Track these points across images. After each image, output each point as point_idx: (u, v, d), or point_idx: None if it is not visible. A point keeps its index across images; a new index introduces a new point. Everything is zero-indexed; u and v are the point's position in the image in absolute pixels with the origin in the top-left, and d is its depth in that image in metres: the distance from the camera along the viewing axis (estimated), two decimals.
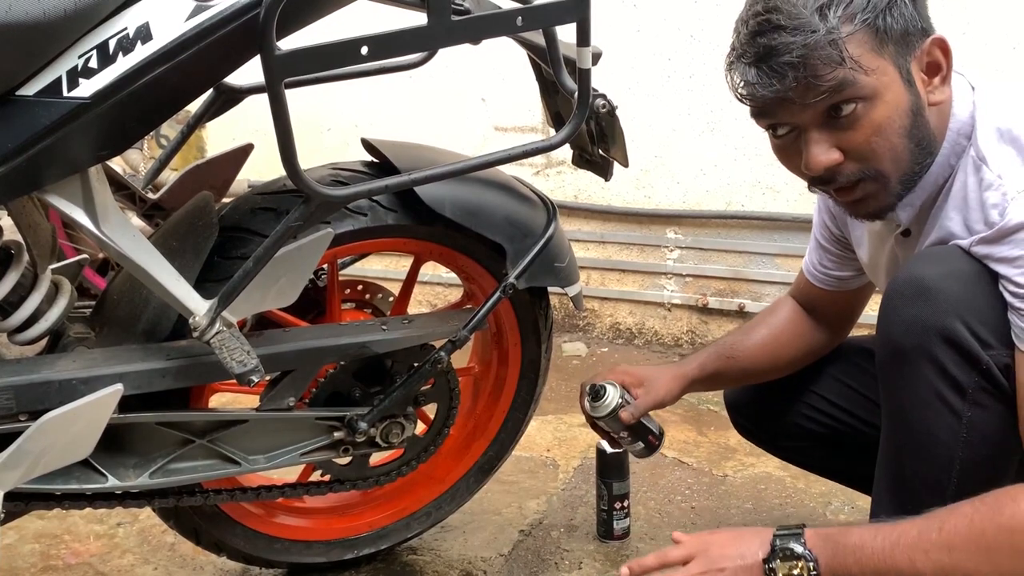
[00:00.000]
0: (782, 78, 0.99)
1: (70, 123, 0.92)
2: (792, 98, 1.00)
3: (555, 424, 2.14)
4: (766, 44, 0.99)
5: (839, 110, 1.00)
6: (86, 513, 1.65)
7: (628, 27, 2.61)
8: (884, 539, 0.96)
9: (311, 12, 1.00)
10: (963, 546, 0.93)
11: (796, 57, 0.98)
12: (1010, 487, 0.96)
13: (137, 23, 0.92)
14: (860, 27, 0.98)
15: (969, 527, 0.93)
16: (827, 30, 0.97)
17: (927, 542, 0.94)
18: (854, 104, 1.00)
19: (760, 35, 1.00)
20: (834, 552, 0.99)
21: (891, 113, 1.01)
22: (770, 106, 1.03)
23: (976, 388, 1.02)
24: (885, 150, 1.02)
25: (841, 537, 1.00)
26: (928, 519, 0.96)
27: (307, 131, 2.89)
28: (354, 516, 1.50)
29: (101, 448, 1.08)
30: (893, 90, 1.01)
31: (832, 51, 0.97)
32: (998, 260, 1.00)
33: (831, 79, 0.98)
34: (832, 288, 1.38)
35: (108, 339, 1.16)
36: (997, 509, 0.93)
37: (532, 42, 1.18)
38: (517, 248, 1.28)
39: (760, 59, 1.00)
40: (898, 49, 1.01)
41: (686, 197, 2.66)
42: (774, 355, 1.41)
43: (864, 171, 1.04)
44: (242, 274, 1.03)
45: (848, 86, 0.99)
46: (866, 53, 0.99)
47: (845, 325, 1.44)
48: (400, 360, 1.30)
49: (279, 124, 0.91)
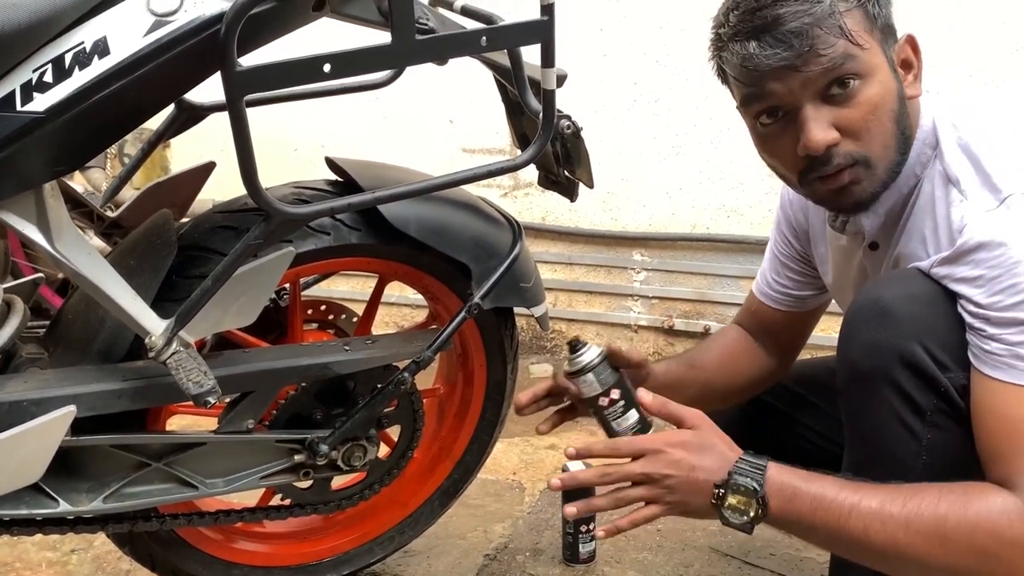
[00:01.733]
0: (788, 46, 1.00)
1: (23, 138, 0.90)
2: (797, 66, 1.00)
3: (522, 446, 2.12)
4: (770, 14, 1.00)
5: (840, 84, 1.01)
6: (38, 539, 1.60)
7: (595, 51, 2.63)
8: (844, 499, 0.97)
9: (273, 29, 0.99)
10: (922, 528, 0.94)
11: (803, 24, 0.99)
12: (980, 482, 0.97)
13: (94, 37, 0.91)
14: (855, 6, 1.01)
15: (933, 512, 0.94)
16: (830, 3, 1.00)
17: (886, 514, 0.95)
18: (853, 80, 1.01)
19: (760, 9, 1.01)
20: (791, 497, 0.99)
21: (884, 93, 1.03)
22: (767, 83, 1.03)
23: (935, 410, 1.03)
24: (878, 131, 1.04)
25: (802, 483, 1.00)
26: (893, 492, 0.97)
27: (274, 150, 2.87)
28: (316, 541, 1.47)
29: (52, 472, 1.05)
30: (883, 70, 1.04)
31: (834, 23, 0.99)
32: (957, 280, 1.01)
33: (833, 51, 1.00)
34: (788, 309, 1.39)
35: (62, 359, 1.13)
36: (965, 502, 0.94)
37: (497, 63, 1.18)
38: (482, 268, 1.28)
39: (763, 30, 1.01)
40: (883, 37, 1.04)
41: (652, 220, 2.68)
42: (732, 374, 1.41)
43: (857, 153, 1.04)
44: (200, 293, 1.01)
45: (848, 60, 1.00)
46: (862, 31, 1.02)
47: (792, 350, 1.44)
48: (363, 381, 1.28)
49: (239, 141, 0.89)
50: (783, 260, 1.36)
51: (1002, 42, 2.29)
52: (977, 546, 0.93)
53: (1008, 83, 2.31)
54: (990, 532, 0.93)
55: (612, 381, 1.18)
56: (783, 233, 1.35)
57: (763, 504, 0.99)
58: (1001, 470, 0.97)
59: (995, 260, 0.97)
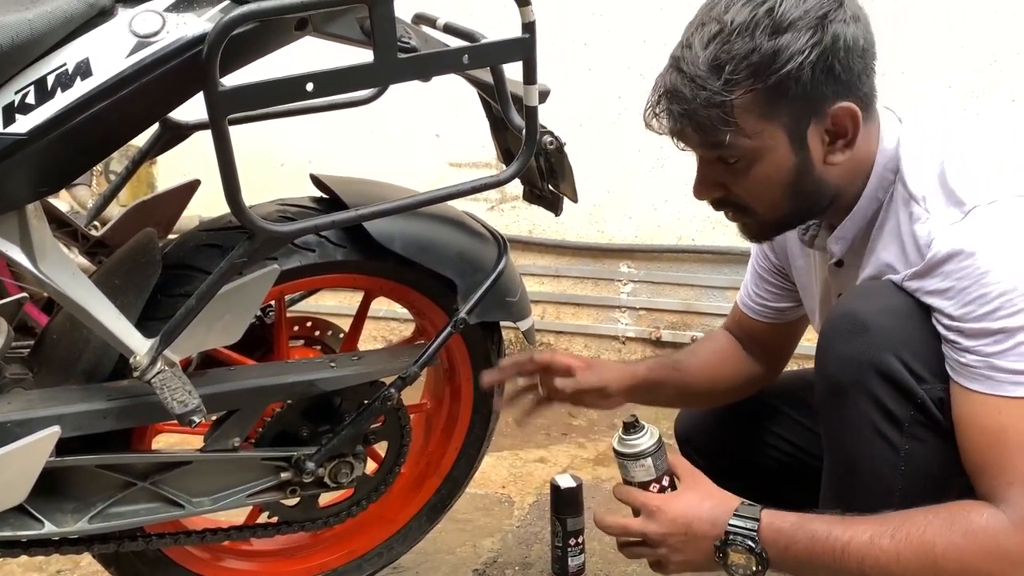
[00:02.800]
0: (673, 121, 1.06)
1: (5, 159, 0.90)
2: (681, 139, 1.07)
3: (510, 460, 2.12)
4: (671, 82, 1.05)
5: (722, 160, 1.07)
6: (23, 561, 1.58)
7: (579, 65, 2.65)
8: (837, 537, 0.99)
9: (256, 49, 1.00)
10: (912, 558, 0.95)
11: (681, 109, 1.04)
12: (965, 501, 0.98)
13: (77, 59, 0.91)
14: (749, 92, 1.01)
15: (921, 539, 0.95)
16: (715, 91, 1.01)
17: (877, 548, 0.96)
18: (734, 160, 1.06)
19: (671, 69, 1.05)
20: (787, 545, 1.01)
21: (771, 172, 1.06)
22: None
23: (912, 421, 1.03)
24: (762, 199, 1.09)
25: (795, 529, 1.02)
26: (882, 523, 0.98)
27: (259, 166, 2.87)
28: (303, 558, 1.47)
29: (37, 492, 1.05)
30: (778, 152, 1.05)
31: (717, 112, 1.02)
32: (929, 293, 1.02)
33: (713, 137, 1.04)
34: (769, 320, 1.40)
35: (46, 379, 1.13)
36: (951, 524, 0.95)
37: (481, 80, 1.19)
38: (468, 283, 1.28)
39: (663, 95, 1.06)
40: (794, 111, 1.03)
41: (638, 232, 2.69)
42: (714, 378, 1.42)
43: (741, 205, 1.11)
44: (184, 312, 1.01)
45: (729, 147, 1.04)
46: (752, 117, 1.02)
47: (780, 359, 1.45)
48: (349, 398, 1.28)
49: (222, 160, 0.90)
50: (761, 273, 1.38)
51: (979, 54, 2.32)
52: (969, 567, 0.94)
53: (985, 95, 2.33)
54: (979, 551, 0.94)
55: (665, 467, 1.14)
56: (761, 246, 1.36)
57: (763, 559, 1.02)
58: (986, 483, 0.98)
59: (963, 271, 0.98)
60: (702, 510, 1.06)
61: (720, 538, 1.04)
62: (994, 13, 2.31)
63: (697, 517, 1.06)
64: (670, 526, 1.06)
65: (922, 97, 2.30)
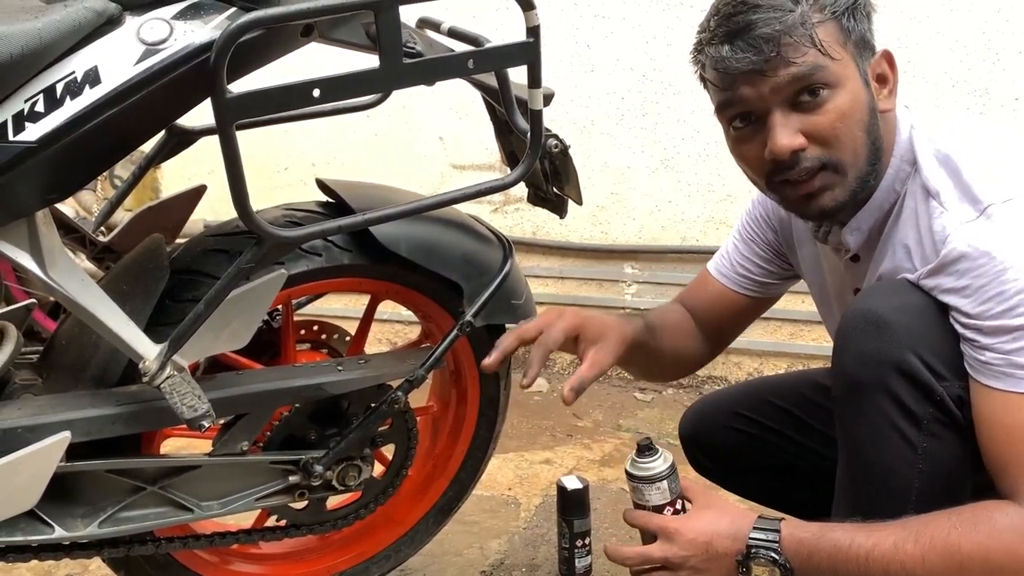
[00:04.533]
0: (757, 51, 1.02)
1: (15, 167, 0.90)
2: (764, 71, 1.02)
3: (516, 462, 2.13)
4: (744, 19, 1.02)
5: (809, 92, 1.03)
6: (33, 566, 1.59)
7: (582, 67, 2.65)
8: (860, 545, 0.99)
9: (262, 55, 1.01)
10: (938, 561, 0.95)
11: (773, 31, 1.01)
12: (987, 502, 0.98)
13: (85, 67, 0.92)
14: (829, 18, 1.03)
15: (945, 541, 0.95)
16: (801, 13, 1.02)
17: (903, 554, 0.96)
18: (822, 89, 1.03)
19: (735, 15, 1.03)
20: (809, 555, 1.01)
21: (854, 103, 1.05)
22: (739, 87, 1.05)
23: (931, 419, 1.03)
24: (847, 139, 1.05)
25: (817, 541, 1.01)
26: (904, 528, 0.98)
27: (264, 170, 2.88)
28: (312, 561, 1.47)
29: (48, 498, 1.05)
30: (855, 83, 1.05)
31: (805, 33, 1.02)
32: (945, 291, 1.02)
33: (803, 60, 1.02)
34: (745, 292, 1.37)
35: (56, 385, 1.14)
36: (974, 525, 0.95)
37: (485, 83, 1.20)
38: (474, 286, 1.29)
39: (735, 35, 1.03)
40: (857, 50, 1.06)
41: (642, 233, 2.69)
42: (677, 350, 1.39)
43: (826, 158, 1.06)
44: (193, 317, 1.02)
45: (818, 70, 1.02)
46: (834, 43, 1.04)
47: (724, 341, 1.43)
48: (356, 401, 1.28)
49: (230, 166, 0.90)
50: (753, 245, 1.36)
51: (984, 53, 2.32)
52: (994, 567, 0.94)
53: (990, 94, 2.34)
54: (1004, 551, 0.94)
55: (679, 490, 1.14)
56: (764, 218, 1.34)
57: (787, 570, 1.02)
58: (1008, 481, 0.98)
59: (980, 270, 0.98)
60: (721, 527, 1.06)
61: (742, 552, 1.03)
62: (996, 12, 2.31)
63: (717, 534, 1.06)
64: (690, 547, 1.06)
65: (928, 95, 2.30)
